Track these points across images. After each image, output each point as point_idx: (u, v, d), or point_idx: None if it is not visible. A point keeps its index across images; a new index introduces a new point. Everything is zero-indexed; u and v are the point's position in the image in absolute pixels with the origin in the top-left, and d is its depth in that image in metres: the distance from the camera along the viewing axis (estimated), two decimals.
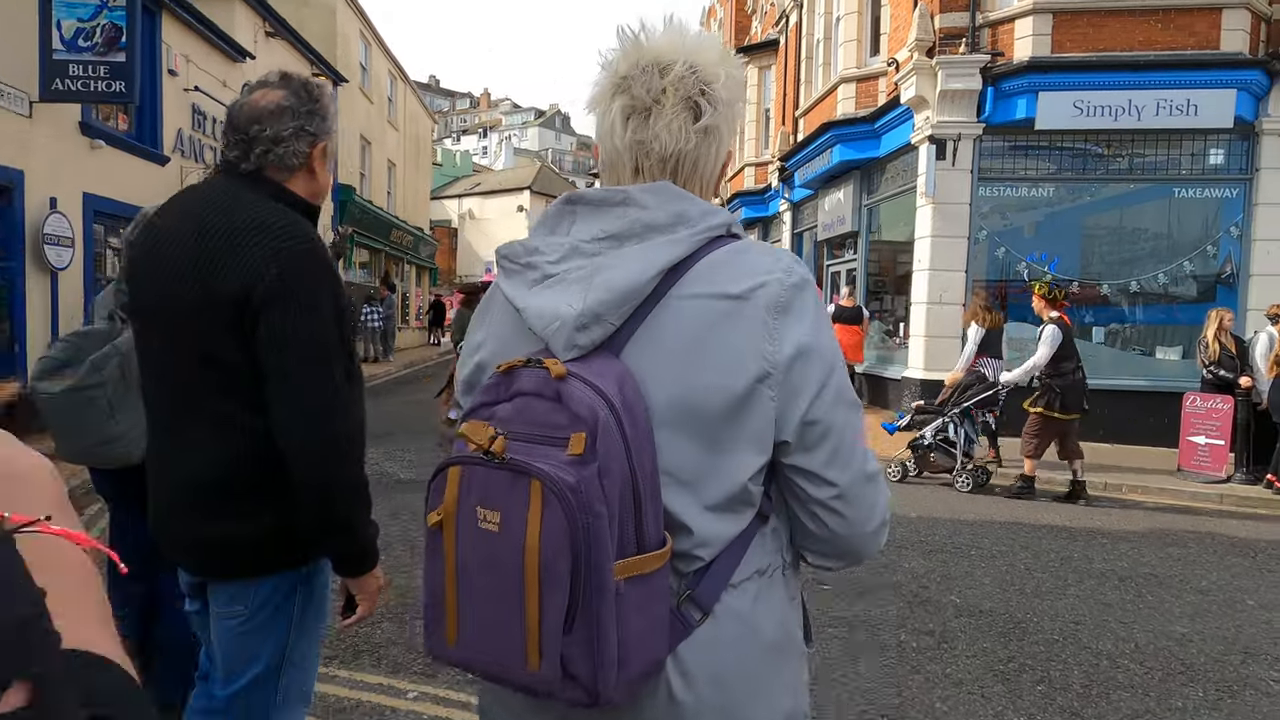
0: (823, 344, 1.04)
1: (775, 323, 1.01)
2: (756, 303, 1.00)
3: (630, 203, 1.04)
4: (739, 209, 20.90)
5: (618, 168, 1.11)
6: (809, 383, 1.01)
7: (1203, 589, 4.95)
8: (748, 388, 0.99)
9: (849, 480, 1.04)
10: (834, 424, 1.03)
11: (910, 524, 6.23)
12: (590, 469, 0.91)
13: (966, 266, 10.68)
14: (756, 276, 1.02)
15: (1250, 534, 6.42)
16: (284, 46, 15.86)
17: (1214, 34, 9.89)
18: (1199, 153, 10.34)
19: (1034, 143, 10.60)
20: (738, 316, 1.00)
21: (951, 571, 5.09)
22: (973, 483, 7.57)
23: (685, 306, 1.00)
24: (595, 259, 1.02)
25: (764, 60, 19.58)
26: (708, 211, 1.06)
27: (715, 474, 1.01)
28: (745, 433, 1.01)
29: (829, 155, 13.52)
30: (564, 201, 1.10)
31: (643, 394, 0.98)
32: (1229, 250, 10.43)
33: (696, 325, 0.99)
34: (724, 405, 0.98)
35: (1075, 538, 6.05)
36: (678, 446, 0.99)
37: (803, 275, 1.06)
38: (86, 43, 8.30)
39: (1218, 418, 8.18)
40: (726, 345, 0.99)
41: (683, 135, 1.07)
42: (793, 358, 1.00)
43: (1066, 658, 3.85)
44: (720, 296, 1.00)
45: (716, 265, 1.02)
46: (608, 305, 0.98)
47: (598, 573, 0.90)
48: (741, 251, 1.05)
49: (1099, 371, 10.41)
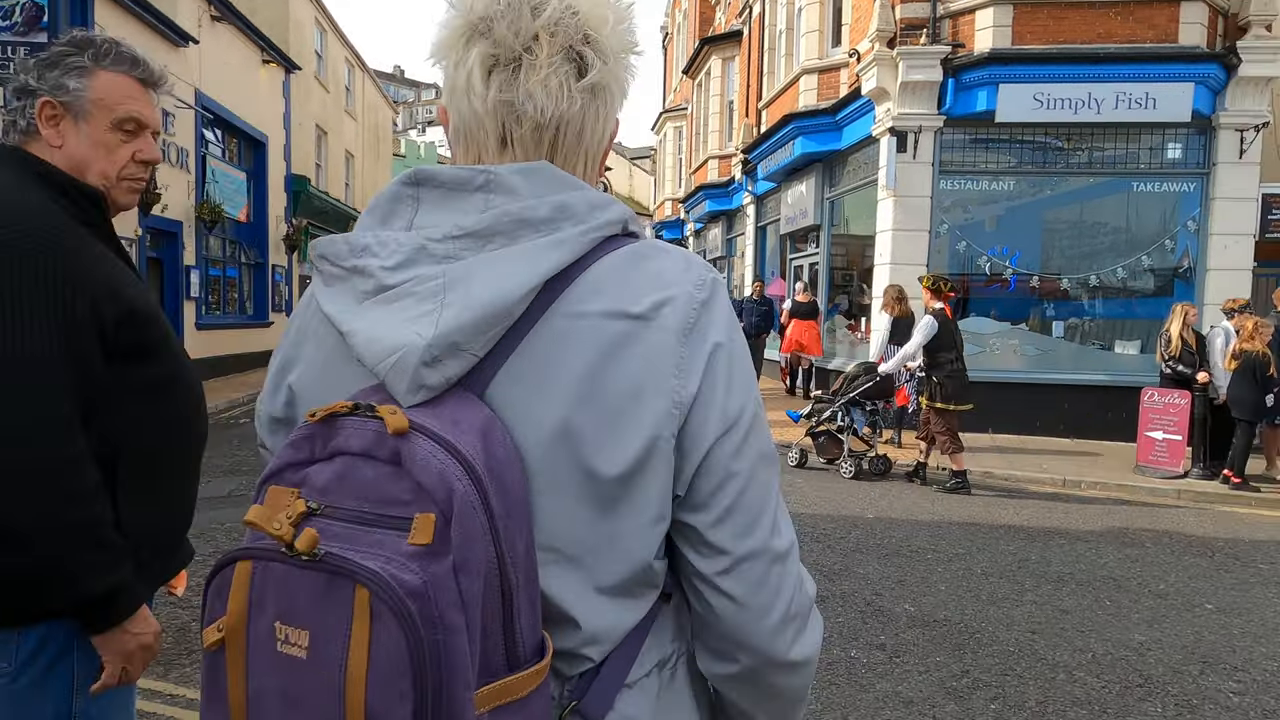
0: (742, 378, 0.81)
1: (685, 350, 0.77)
2: (663, 324, 0.77)
3: (496, 188, 0.79)
4: (702, 201, 20.73)
5: (476, 138, 0.84)
6: (712, 419, 0.78)
7: (1161, 592, 4.83)
8: (653, 434, 0.75)
9: (747, 550, 0.80)
10: (735, 474, 0.79)
11: (867, 526, 6.06)
12: (442, 564, 0.66)
13: (928, 260, 10.55)
14: (662, 290, 0.78)
15: (1208, 531, 6.35)
16: (231, 31, 15.29)
17: (1172, 27, 9.85)
18: (1157, 147, 10.32)
19: (994, 136, 10.50)
20: (639, 342, 0.76)
21: (907, 577, 4.92)
22: (855, 469, 7.79)
23: (572, 329, 0.76)
24: (450, 265, 0.76)
25: (727, 51, 19.39)
26: (598, 203, 0.80)
27: (611, 547, 0.77)
28: (650, 492, 0.77)
29: (791, 148, 13.35)
30: (404, 182, 0.82)
31: (516, 448, 0.74)
32: (1186, 245, 10.43)
33: (587, 354, 0.75)
34: (623, 457, 0.75)
35: (1033, 538, 5.92)
36: (563, 512, 0.75)
37: (713, 287, 0.82)
38: (5, 22, 7.84)
39: (1175, 413, 8.14)
40: (626, 379, 0.75)
41: (564, 95, 0.82)
42: (698, 395, 0.78)
43: (1022, 671, 3.69)
44: (617, 315, 0.76)
45: (611, 275, 0.78)
46: (469, 330, 0.72)
47: (452, 709, 0.63)
48: (642, 257, 0.81)
49: (1058, 366, 10.43)
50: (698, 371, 0.78)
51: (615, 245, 0.81)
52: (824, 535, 5.74)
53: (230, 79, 15.11)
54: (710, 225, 21.85)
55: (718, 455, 0.79)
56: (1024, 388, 10.31)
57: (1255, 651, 4.00)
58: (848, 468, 7.84)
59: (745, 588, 0.80)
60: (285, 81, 18.17)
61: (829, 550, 5.39)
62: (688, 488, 0.79)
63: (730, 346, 0.81)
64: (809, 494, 7.07)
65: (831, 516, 6.28)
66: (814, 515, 6.29)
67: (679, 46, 26.22)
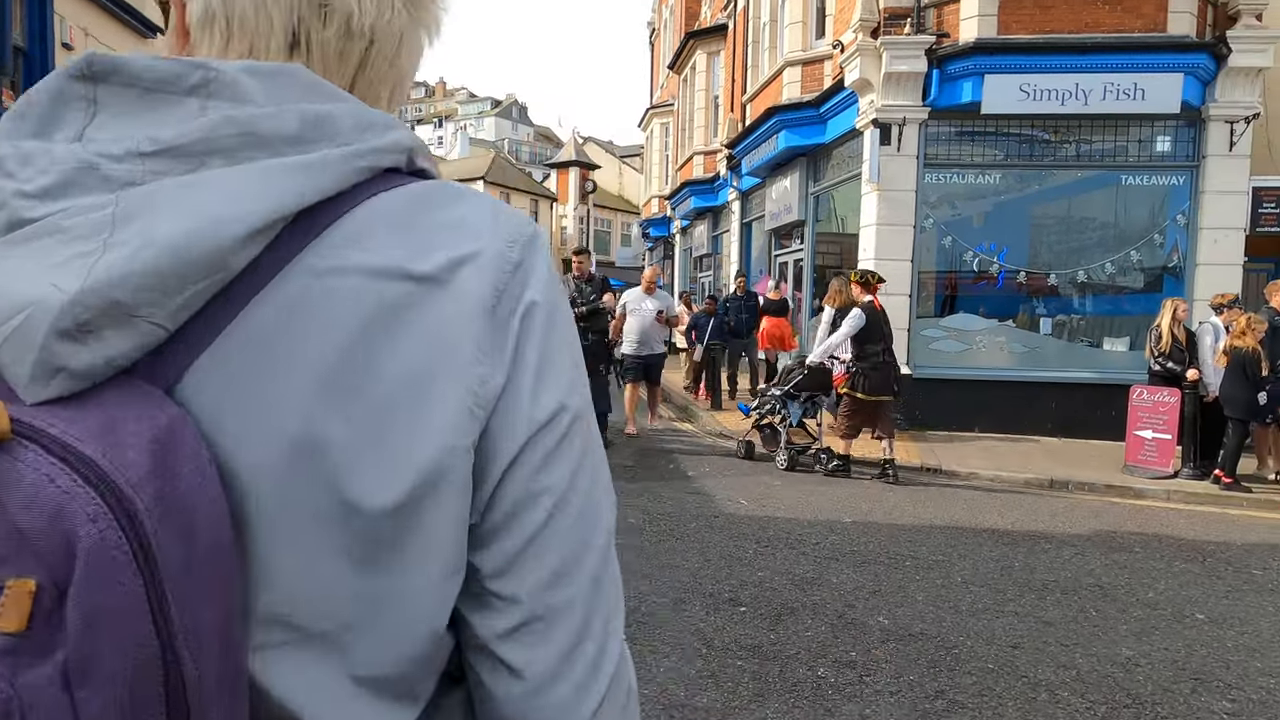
0: (561, 361, 0.56)
1: (492, 327, 0.53)
2: (461, 290, 0.53)
3: (218, 91, 0.51)
4: (688, 198, 20.46)
5: (247, 29, 0.57)
6: (519, 418, 0.53)
7: (1149, 601, 4.58)
8: (443, 444, 0.51)
9: (549, 604, 0.54)
10: (540, 493, 0.54)
11: (844, 530, 5.80)
12: (41, 668, 0.40)
13: (912, 256, 10.31)
14: (463, 244, 0.54)
15: (1199, 534, 6.11)
16: None
17: (1161, 16, 9.62)
18: (1146, 139, 10.09)
19: (980, 128, 10.26)
20: (425, 312, 0.51)
21: (883, 586, 4.65)
22: (788, 461, 7.90)
23: (321, 292, 0.50)
24: (130, 192, 0.47)
25: (713, 46, 19.13)
26: (374, 122, 0.55)
27: (379, 617, 0.51)
28: (439, 530, 0.52)
29: (775, 142, 13.11)
30: (73, 74, 0.51)
31: (221, 469, 0.47)
32: (1175, 239, 10.20)
33: (344, 329, 0.50)
34: (398, 481, 0.50)
35: (1017, 543, 5.67)
36: (303, 567, 0.50)
37: (531, 245, 0.57)
38: None
39: (1165, 411, 7.92)
40: (402, 366, 0.50)
41: (389, 2, 0.59)
42: (504, 384, 0.53)
43: (1001, 691, 3.42)
44: (393, 274, 0.51)
45: (388, 220, 0.53)
46: (146, 285, 0.45)
47: None
48: (435, 200, 0.55)
49: (1046, 364, 10.19)
50: (506, 353, 0.53)
51: (395, 183, 0.55)
52: (798, 540, 5.48)
53: None
54: (696, 222, 21.57)
55: (520, 468, 0.53)
56: (1011, 385, 10.09)
57: (1249, 667, 3.75)
58: (782, 459, 7.93)
59: (541, 661, 0.54)
60: None
61: (802, 557, 5.12)
62: (480, 515, 0.54)
63: (549, 321, 0.56)
64: (786, 497, 6.80)
65: (808, 521, 6.02)
66: (789, 519, 6.03)
67: (665, 42, 25.95)
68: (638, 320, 9.10)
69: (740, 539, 5.46)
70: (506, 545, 0.54)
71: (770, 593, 4.45)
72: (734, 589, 4.48)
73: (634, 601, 4.21)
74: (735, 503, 6.49)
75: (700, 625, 3.97)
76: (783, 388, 7.99)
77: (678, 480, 7.30)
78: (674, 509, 6.17)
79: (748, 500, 6.59)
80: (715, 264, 20.03)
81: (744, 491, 6.90)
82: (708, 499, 6.59)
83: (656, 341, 9.40)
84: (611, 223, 47.88)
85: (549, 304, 0.56)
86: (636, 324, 9.10)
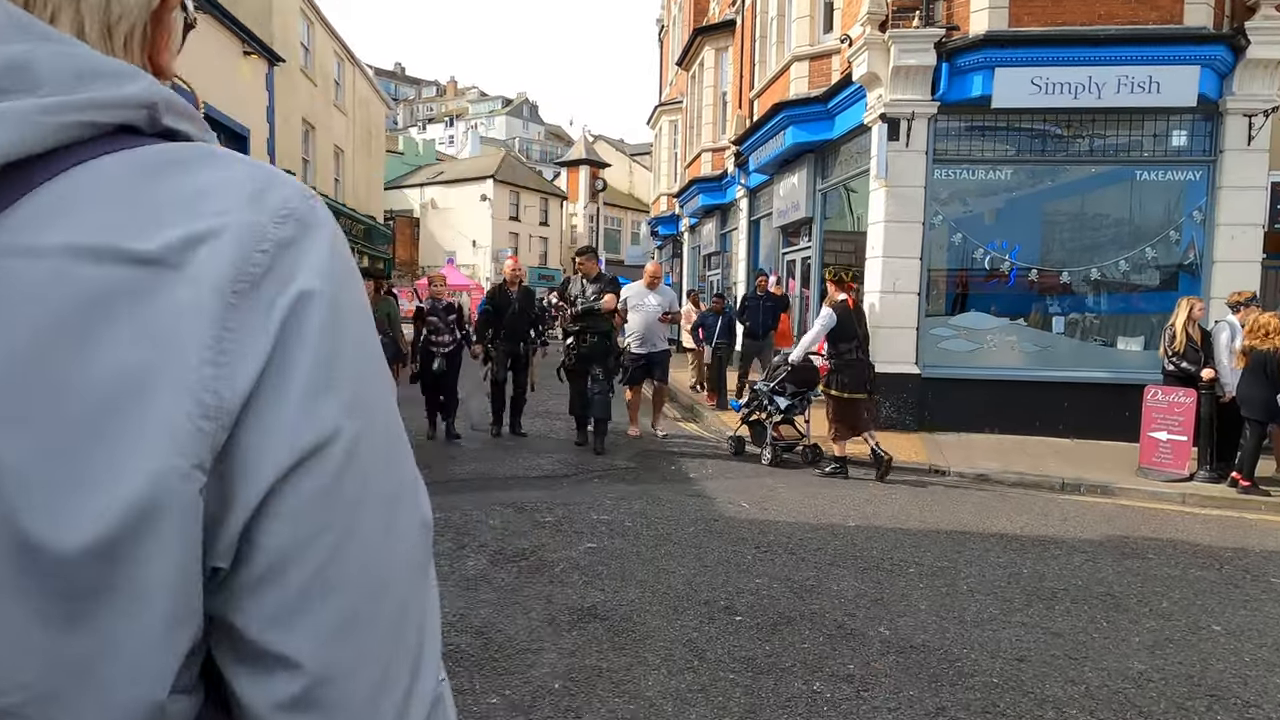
0: (345, 369, 0.46)
1: (236, 318, 0.43)
2: (196, 275, 0.43)
3: None
4: (696, 195, 20.29)
5: None
6: (279, 435, 0.44)
7: (1163, 611, 4.40)
8: (159, 467, 0.41)
9: (335, 665, 0.45)
10: (321, 530, 0.45)
11: (847, 535, 5.64)
12: None
13: (922, 253, 10.11)
14: (202, 218, 0.44)
15: (1215, 540, 5.91)
16: (208, 21, 14.91)
17: (1177, 8, 9.38)
18: (1161, 133, 9.85)
19: (991, 123, 10.06)
20: (143, 303, 0.42)
21: (885, 594, 4.50)
22: (772, 455, 7.98)
23: (12, 275, 0.41)
24: None
25: (721, 42, 18.95)
26: (100, 70, 0.44)
27: (83, 685, 0.42)
28: (156, 573, 0.42)
29: (782, 138, 12.92)
30: None
31: None
32: (1191, 236, 9.96)
33: (32, 323, 0.41)
34: (99, 515, 0.41)
35: (1026, 549, 5.50)
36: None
37: (308, 221, 0.45)
38: None
39: (1180, 412, 7.71)
40: (107, 369, 0.41)
41: None
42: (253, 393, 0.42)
43: (1005, 708, 3.26)
44: (103, 255, 0.42)
45: (104, 190, 0.43)
46: None
47: None
48: (175, 165, 0.44)
49: (1059, 363, 9.99)
50: (257, 353, 0.44)
51: (127, 144, 0.44)
52: (799, 545, 5.32)
53: (208, 70, 14.73)
54: (705, 220, 21.40)
55: (283, 499, 0.43)
56: (1022, 385, 9.88)
57: (1269, 683, 3.57)
58: (766, 455, 8.01)
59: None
60: (269, 74, 17.80)
61: (802, 563, 4.97)
62: (234, 556, 0.44)
63: (332, 318, 0.45)
64: (789, 499, 6.65)
65: (810, 524, 5.86)
66: (791, 523, 5.88)
67: (674, 39, 25.77)
68: (640, 316, 8.73)
69: (739, 544, 5.31)
70: (276, 597, 0.44)
71: (768, 601, 4.31)
72: (730, 597, 4.34)
73: (625, 610, 4.07)
74: (736, 505, 6.35)
75: (693, 635, 3.83)
76: (769, 384, 8.11)
77: (678, 482, 7.16)
78: (673, 512, 6.03)
79: (749, 503, 6.44)
80: (724, 262, 19.85)
81: (745, 494, 6.75)
82: (708, 502, 6.45)
83: (660, 338, 9.12)
84: (622, 221, 47.77)
85: (331, 296, 0.45)
86: (639, 320, 8.73)
